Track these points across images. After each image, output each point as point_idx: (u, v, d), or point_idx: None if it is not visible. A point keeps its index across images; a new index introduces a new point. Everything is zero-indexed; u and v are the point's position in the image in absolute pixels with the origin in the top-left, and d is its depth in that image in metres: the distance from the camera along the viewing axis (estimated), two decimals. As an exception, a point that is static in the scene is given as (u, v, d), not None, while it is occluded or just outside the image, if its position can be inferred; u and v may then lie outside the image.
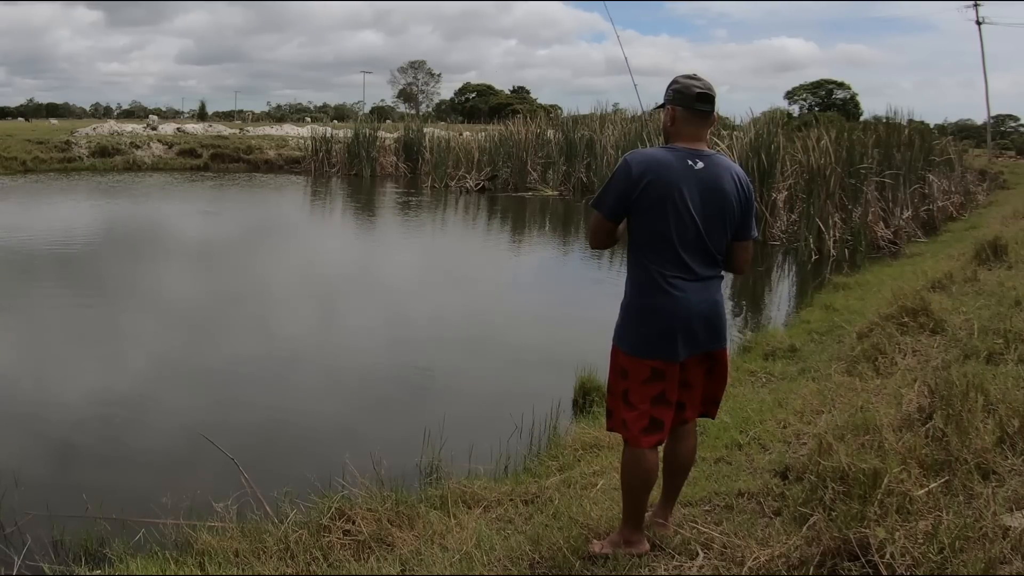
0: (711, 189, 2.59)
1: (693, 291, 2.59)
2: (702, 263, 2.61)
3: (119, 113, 79.94)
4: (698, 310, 2.60)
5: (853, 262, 11.74)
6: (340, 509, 3.13)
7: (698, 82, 2.66)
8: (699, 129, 2.68)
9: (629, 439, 2.64)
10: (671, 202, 2.55)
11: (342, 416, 5.26)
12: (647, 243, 2.61)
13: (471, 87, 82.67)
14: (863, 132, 15.46)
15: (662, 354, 2.59)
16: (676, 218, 2.56)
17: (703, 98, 2.65)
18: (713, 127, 2.70)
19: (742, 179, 2.71)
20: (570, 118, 25.48)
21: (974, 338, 4.55)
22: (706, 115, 2.68)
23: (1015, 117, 64.47)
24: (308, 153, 27.81)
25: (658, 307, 2.58)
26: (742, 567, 2.48)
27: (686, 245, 2.57)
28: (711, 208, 2.60)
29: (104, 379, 5.92)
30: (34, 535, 3.41)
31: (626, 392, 2.63)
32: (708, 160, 2.63)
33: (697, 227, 2.58)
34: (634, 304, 2.64)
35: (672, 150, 2.63)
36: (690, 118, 2.66)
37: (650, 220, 2.58)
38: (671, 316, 2.57)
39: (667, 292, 2.57)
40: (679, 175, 2.56)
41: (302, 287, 9.74)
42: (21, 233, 12.42)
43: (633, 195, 2.58)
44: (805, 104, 61.67)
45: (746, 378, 5.26)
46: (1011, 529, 2.22)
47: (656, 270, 2.59)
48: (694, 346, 2.63)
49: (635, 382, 2.61)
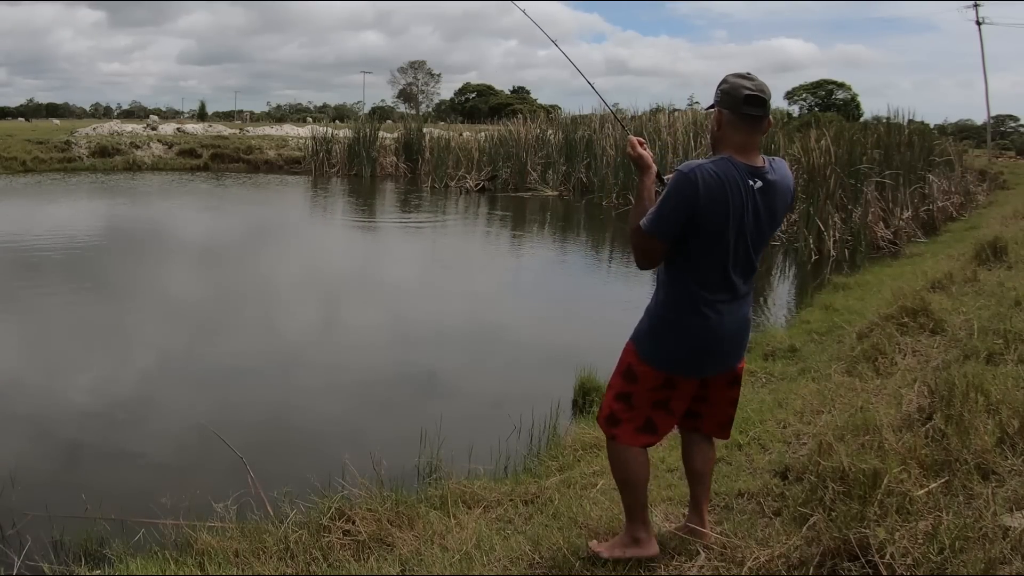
0: (768, 210, 2.43)
1: (730, 311, 2.47)
2: (745, 280, 2.50)
3: (119, 113, 79.90)
4: (731, 330, 2.49)
5: (853, 262, 11.73)
6: (340, 509, 3.13)
7: (749, 82, 2.37)
8: (750, 136, 2.41)
9: (619, 435, 2.56)
10: (733, 228, 2.37)
11: (342, 416, 5.26)
12: (695, 265, 2.42)
13: (471, 87, 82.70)
14: (863, 132, 15.46)
15: (684, 371, 2.50)
16: (733, 243, 2.39)
17: (753, 101, 2.35)
18: (767, 131, 2.47)
19: (794, 191, 2.57)
20: (570, 118, 25.49)
21: (974, 338, 4.55)
22: (757, 121, 2.39)
23: (1015, 117, 64.52)
24: (308, 153, 27.80)
25: (694, 328, 2.44)
26: (742, 567, 2.48)
27: (736, 266, 2.44)
28: (764, 227, 2.45)
29: (103, 378, 5.92)
30: (34, 535, 3.41)
31: (630, 395, 2.54)
32: (766, 178, 2.41)
33: (748, 248, 2.44)
34: (667, 319, 2.48)
35: (732, 165, 2.38)
36: (738, 124, 2.39)
37: (705, 244, 2.39)
38: (704, 338, 2.45)
39: (705, 315, 2.43)
40: (741, 198, 2.36)
41: (301, 287, 9.74)
42: (22, 232, 12.42)
43: (694, 217, 2.35)
44: (805, 104, 61.69)
45: (746, 378, 5.23)
46: (1011, 529, 2.21)
47: (698, 291, 2.43)
48: (722, 365, 2.55)
49: (643, 388, 2.52)
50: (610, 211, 18.01)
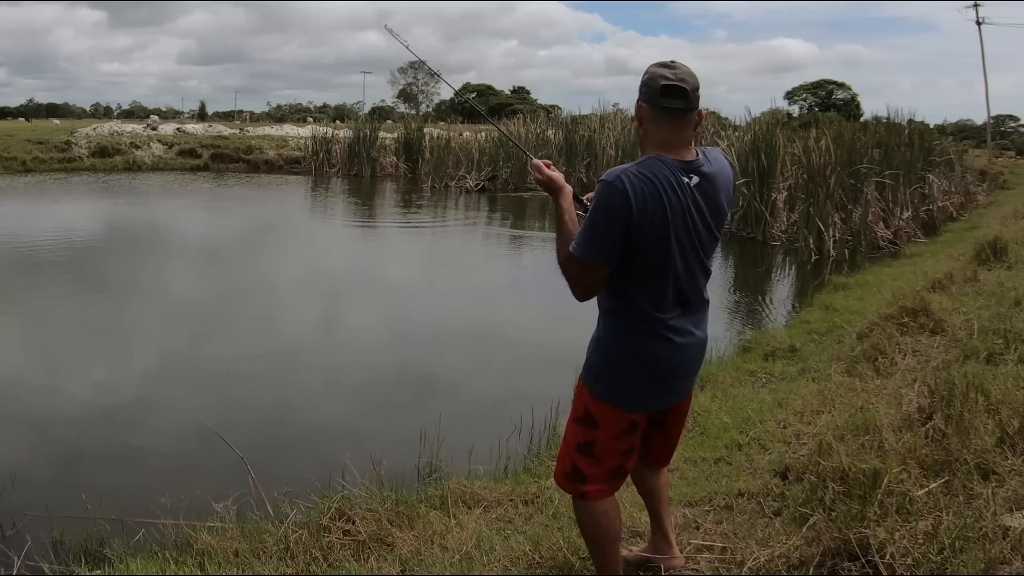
0: (711, 206, 2.15)
1: (690, 330, 2.20)
2: (700, 288, 2.24)
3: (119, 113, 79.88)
4: (692, 354, 2.24)
5: (853, 262, 11.73)
6: (340, 509, 3.13)
7: (669, 71, 2.07)
8: (675, 132, 2.10)
9: (589, 493, 2.23)
10: (678, 233, 2.09)
11: (342, 416, 5.26)
12: (644, 283, 2.13)
13: (471, 87, 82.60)
14: (863, 132, 15.46)
15: (649, 406, 2.23)
16: (682, 250, 2.11)
17: (672, 91, 2.05)
18: (699, 126, 2.17)
19: (734, 177, 2.30)
20: (570, 118, 25.48)
21: (974, 338, 4.55)
22: (680, 114, 2.08)
23: (1015, 117, 64.52)
24: (308, 153, 27.80)
25: (657, 355, 2.15)
26: (742, 567, 2.48)
27: (688, 276, 2.17)
28: (712, 226, 2.17)
29: (104, 378, 5.92)
30: (34, 535, 3.40)
31: (592, 444, 2.21)
32: (702, 171, 2.12)
33: (699, 252, 2.16)
34: (623, 349, 2.17)
35: (662, 163, 2.08)
36: (660, 119, 2.09)
37: (652, 257, 2.10)
38: (669, 365, 2.18)
39: (665, 337, 2.15)
40: (679, 197, 2.07)
41: (302, 287, 9.73)
42: (23, 232, 12.42)
43: (631, 229, 2.05)
44: (805, 104, 61.66)
45: (746, 378, 5.26)
46: (1011, 529, 2.22)
47: (653, 313, 2.14)
48: (680, 393, 2.31)
49: (606, 434, 2.19)
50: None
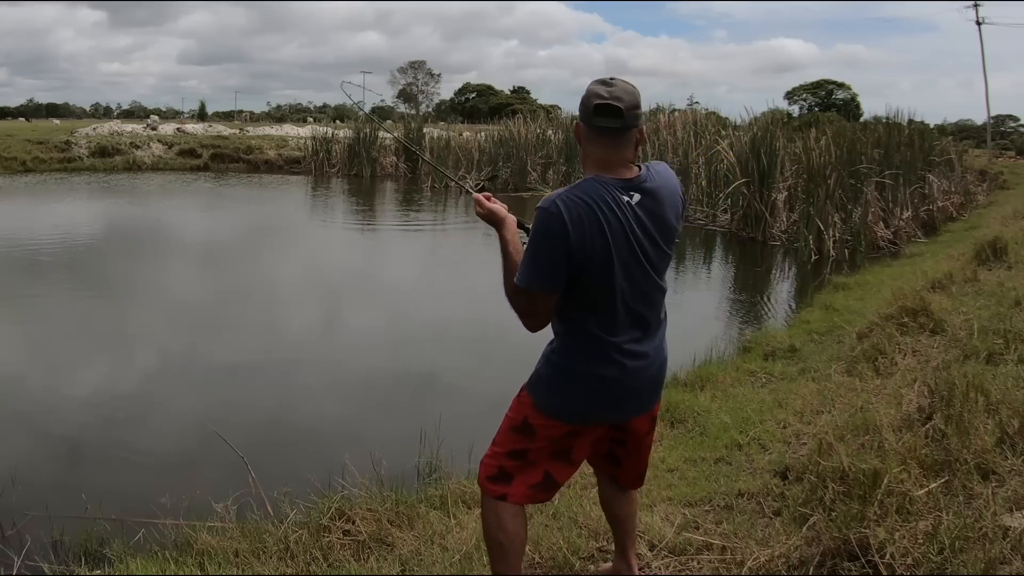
0: (657, 223, 2.07)
1: (645, 352, 2.12)
2: (654, 308, 2.15)
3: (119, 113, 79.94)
4: (649, 374, 2.15)
5: (853, 262, 11.73)
6: (340, 509, 3.13)
7: (605, 88, 2.02)
8: (612, 151, 2.04)
9: (511, 494, 2.18)
10: (621, 254, 2.02)
11: (342, 416, 5.26)
12: (592, 306, 2.07)
13: (471, 87, 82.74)
14: (863, 132, 15.46)
15: (595, 421, 2.18)
16: (627, 270, 2.04)
17: (604, 110, 1.99)
18: (640, 146, 2.08)
19: (679, 188, 2.19)
20: (570, 118, 25.46)
21: (974, 338, 4.55)
22: (615, 133, 2.02)
23: (1015, 117, 64.54)
24: (308, 153, 27.81)
25: (605, 377, 2.09)
26: (742, 567, 2.48)
27: (638, 296, 2.08)
28: (660, 243, 2.09)
29: (104, 378, 5.92)
30: (34, 535, 3.40)
31: (526, 452, 2.18)
32: (644, 188, 2.05)
33: (647, 271, 2.08)
34: (572, 371, 2.12)
35: (599, 183, 2.02)
36: (595, 138, 2.04)
37: (596, 280, 2.04)
38: (620, 388, 2.11)
39: (616, 361, 2.08)
40: (619, 217, 2.01)
41: (302, 287, 9.74)
42: (24, 232, 12.42)
43: (575, 258, 1.99)
44: (805, 104, 61.69)
45: (746, 378, 5.26)
46: (1011, 529, 2.22)
47: (605, 337, 2.07)
48: (638, 409, 2.23)
49: (542, 441, 2.16)
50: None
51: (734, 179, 14.86)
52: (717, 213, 15.77)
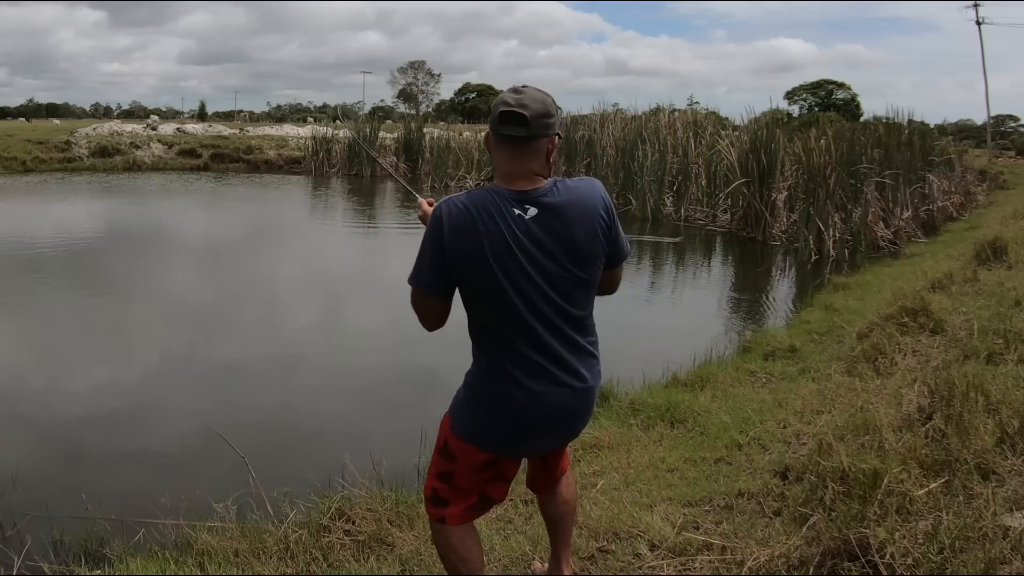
0: (559, 240, 1.93)
1: (557, 380, 1.98)
2: (559, 332, 1.98)
3: (119, 113, 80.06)
4: (562, 407, 2.01)
5: (853, 262, 11.74)
6: (340, 509, 3.13)
7: (513, 95, 1.94)
8: (515, 161, 1.94)
9: (448, 517, 2.13)
10: (505, 269, 1.91)
11: (342, 416, 5.25)
12: (487, 322, 2.01)
13: (471, 87, 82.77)
14: (863, 132, 15.47)
15: (506, 451, 2.09)
16: (517, 291, 1.92)
17: (508, 118, 1.91)
18: (552, 156, 1.98)
19: (601, 206, 2.00)
20: (570, 118, 25.48)
21: (974, 338, 4.55)
22: (519, 142, 1.92)
23: (1015, 117, 64.72)
24: (308, 153, 27.82)
25: (511, 401, 1.98)
26: (742, 567, 2.48)
27: (540, 318, 1.95)
28: (564, 266, 1.95)
29: (104, 378, 5.92)
30: (34, 535, 3.40)
31: (451, 475, 2.12)
32: (542, 202, 1.93)
33: (546, 292, 1.94)
34: (481, 390, 2.06)
35: (493, 193, 1.94)
36: (500, 147, 1.96)
37: (477, 294, 1.97)
38: (526, 413, 1.98)
39: (520, 384, 1.97)
40: (502, 230, 1.90)
41: (303, 287, 9.74)
42: (25, 231, 12.42)
43: (451, 264, 1.94)
44: (805, 104, 61.73)
45: (746, 378, 5.26)
46: (1011, 529, 2.22)
47: (506, 357, 1.98)
48: (552, 444, 2.16)
49: (464, 468, 2.10)
50: (610, 211, 17.98)
51: (734, 179, 14.87)
52: (717, 213, 15.78)
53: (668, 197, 17.08)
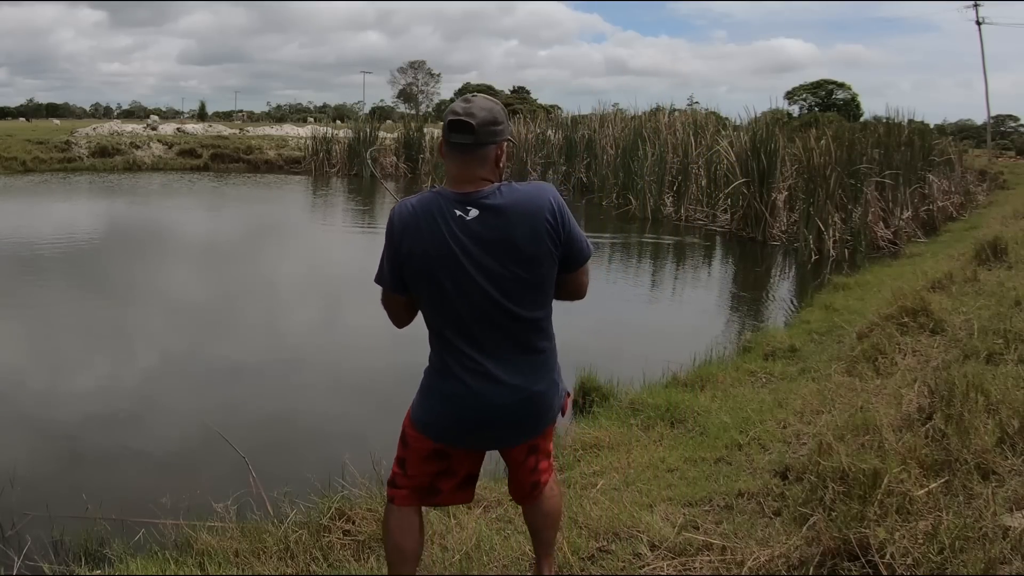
0: (499, 242, 1.99)
1: (495, 379, 2.04)
2: (502, 331, 2.04)
3: (119, 113, 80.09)
4: (504, 406, 2.06)
5: (853, 262, 11.73)
6: (340, 509, 3.13)
7: (462, 104, 2.05)
8: (462, 168, 2.03)
9: (395, 498, 2.23)
10: (446, 269, 2.00)
11: (342, 416, 5.26)
12: (434, 319, 2.11)
13: (471, 87, 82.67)
14: (863, 132, 15.47)
15: (450, 440, 2.16)
16: (459, 290, 2.00)
17: (454, 126, 2.01)
18: (502, 162, 2.11)
19: (547, 209, 2.04)
20: (570, 118, 25.48)
21: (974, 338, 4.55)
22: (464, 149, 2.02)
23: (1015, 117, 64.68)
24: (308, 153, 27.82)
25: (453, 396, 2.08)
26: (742, 567, 2.48)
27: (479, 318, 2.02)
28: (507, 267, 2.00)
29: (105, 377, 5.92)
30: (34, 535, 3.40)
31: (404, 460, 2.23)
32: (483, 204, 2.00)
33: (488, 293, 2.00)
34: (429, 379, 2.18)
35: (438, 195, 2.04)
36: (448, 153, 2.06)
37: (423, 292, 2.07)
38: (467, 408, 2.07)
39: (459, 379, 2.06)
40: (443, 231, 1.98)
41: (303, 287, 9.74)
42: (26, 231, 12.42)
43: (403, 263, 2.05)
44: (805, 104, 61.69)
45: (746, 378, 5.26)
46: (1011, 529, 2.22)
47: (449, 353, 2.08)
48: (501, 442, 2.20)
49: (415, 456, 2.20)
50: (610, 211, 18.00)
51: (734, 179, 14.87)
52: (717, 213, 15.78)
53: (668, 197, 17.09)
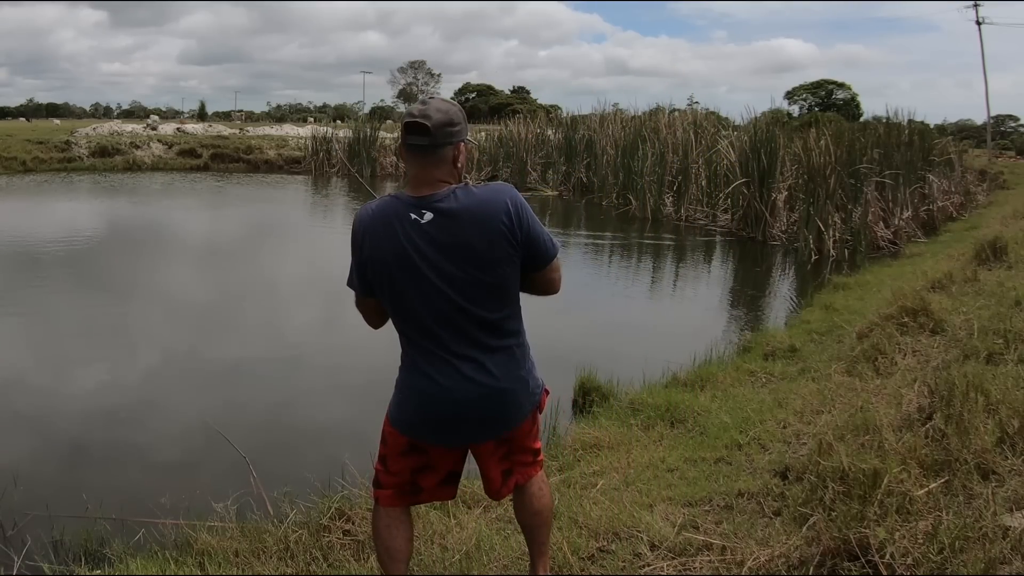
0: (454, 245, 2.02)
1: (465, 378, 2.06)
2: (473, 341, 2.07)
3: (119, 113, 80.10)
4: (471, 402, 2.07)
5: (853, 262, 11.73)
6: (340, 509, 3.13)
7: (419, 106, 2.08)
8: (420, 169, 2.07)
9: (380, 499, 2.28)
10: (402, 270, 2.04)
11: (342, 416, 5.26)
12: (398, 320, 2.14)
13: (471, 87, 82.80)
14: (863, 132, 15.46)
15: (425, 437, 2.18)
16: (417, 291, 2.04)
17: (409, 128, 2.03)
18: (460, 162, 2.11)
19: (504, 211, 2.05)
20: (570, 118, 25.49)
21: (974, 338, 4.54)
22: (421, 151, 2.04)
23: (1015, 117, 64.67)
24: (308, 153, 27.82)
25: (422, 392, 2.11)
26: (742, 567, 2.48)
27: (437, 318, 2.05)
28: (465, 270, 2.03)
29: (105, 377, 5.92)
30: (34, 535, 3.40)
31: (385, 458, 2.26)
32: (438, 207, 2.02)
33: (449, 299, 2.03)
34: (401, 374, 2.20)
35: (396, 199, 2.08)
36: (406, 155, 2.09)
37: (384, 294, 2.10)
38: (434, 403, 2.09)
39: (429, 376, 2.09)
40: (398, 234, 2.03)
41: (303, 287, 9.74)
42: (27, 230, 12.42)
43: (366, 267, 2.10)
44: (805, 104, 61.72)
45: (746, 378, 5.26)
46: (1011, 529, 2.22)
47: (416, 351, 2.11)
48: (462, 439, 2.19)
49: (393, 452, 2.23)
50: (610, 211, 18.00)
51: (734, 179, 14.87)
52: (717, 213, 15.78)
53: (668, 197, 17.08)
